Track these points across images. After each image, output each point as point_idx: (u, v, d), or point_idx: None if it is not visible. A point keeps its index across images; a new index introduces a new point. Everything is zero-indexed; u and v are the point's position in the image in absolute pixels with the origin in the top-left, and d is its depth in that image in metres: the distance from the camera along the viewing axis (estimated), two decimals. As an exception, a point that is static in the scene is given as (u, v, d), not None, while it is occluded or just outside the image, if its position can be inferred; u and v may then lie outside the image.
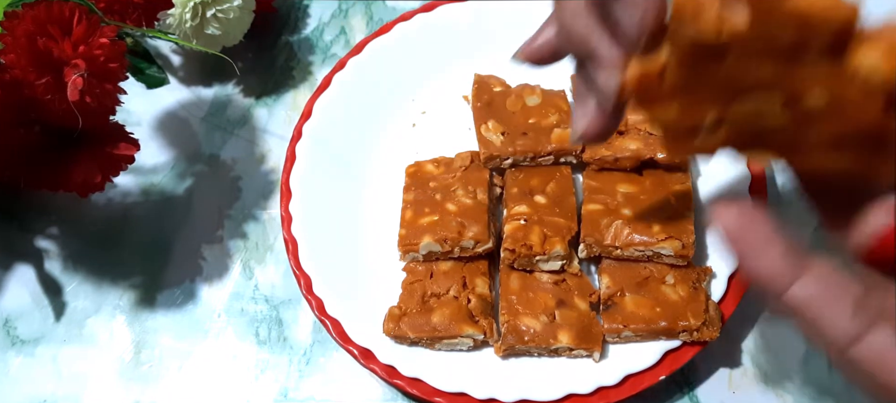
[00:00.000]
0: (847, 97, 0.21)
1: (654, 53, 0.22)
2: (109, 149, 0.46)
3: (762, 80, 0.21)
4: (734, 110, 0.22)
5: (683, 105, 0.22)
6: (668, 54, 0.22)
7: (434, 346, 0.45)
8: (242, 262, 0.51)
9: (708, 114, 0.22)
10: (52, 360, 0.49)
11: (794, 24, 0.20)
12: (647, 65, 0.22)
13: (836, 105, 0.22)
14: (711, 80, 0.21)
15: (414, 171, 0.49)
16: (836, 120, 0.22)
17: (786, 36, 0.20)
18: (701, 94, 0.22)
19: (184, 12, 0.51)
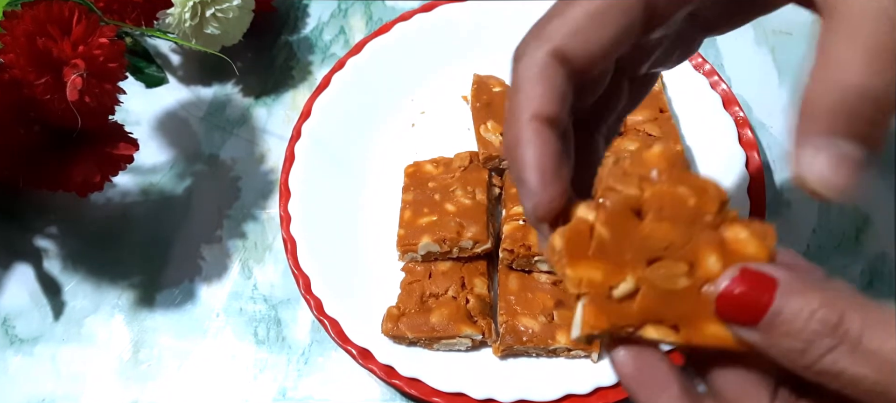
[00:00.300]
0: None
1: (579, 212, 0.24)
2: (108, 148, 0.46)
3: (673, 243, 0.23)
4: (649, 273, 0.23)
5: (607, 266, 0.23)
6: (596, 214, 0.23)
7: (432, 346, 0.45)
8: (241, 262, 0.51)
9: (627, 277, 0.23)
10: (51, 359, 0.49)
11: (692, 193, 0.23)
12: (576, 223, 0.23)
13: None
14: (632, 242, 0.23)
15: (413, 171, 0.49)
16: None
17: (688, 203, 0.23)
18: (622, 256, 0.23)
19: (183, 12, 0.51)
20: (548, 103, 0.25)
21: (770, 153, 0.51)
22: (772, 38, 0.56)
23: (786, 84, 0.54)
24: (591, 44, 0.25)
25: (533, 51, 0.25)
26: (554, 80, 0.25)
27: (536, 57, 0.25)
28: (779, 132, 0.52)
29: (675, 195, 0.23)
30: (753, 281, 0.22)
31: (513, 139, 0.25)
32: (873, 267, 0.47)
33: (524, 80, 0.25)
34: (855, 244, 0.48)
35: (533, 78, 0.25)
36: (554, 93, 0.25)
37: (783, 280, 0.22)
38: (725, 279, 0.23)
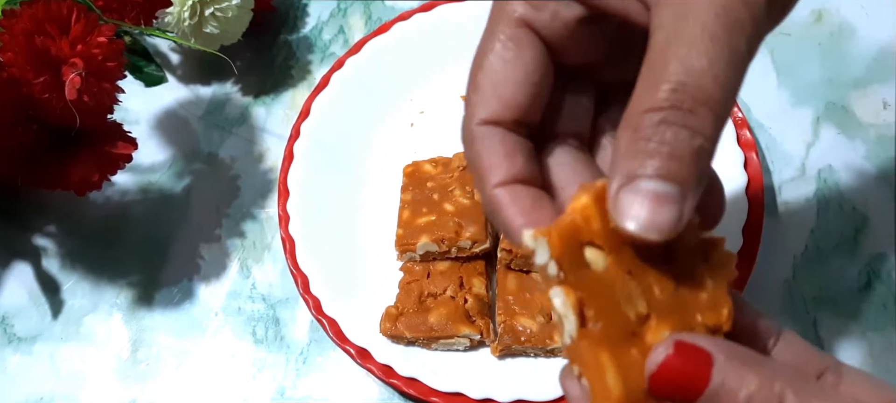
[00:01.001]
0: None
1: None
2: (107, 147, 0.46)
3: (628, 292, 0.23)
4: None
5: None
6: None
7: (430, 346, 0.45)
8: (240, 261, 0.51)
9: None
10: (50, 358, 0.49)
11: None
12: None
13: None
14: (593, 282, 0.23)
15: (412, 171, 0.49)
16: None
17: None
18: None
19: (182, 11, 0.51)
20: (509, 167, 0.25)
21: (769, 154, 0.51)
22: (771, 39, 0.55)
23: (785, 85, 0.54)
24: (511, 109, 0.25)
25: (470, 127, 0.26)
26: (503, 145, 0.25)
27: (476, 131, 0.25)
28: (778, 133, 0.52)
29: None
30: (689, 357, 0.21)
31: (490, 208, 0.26)
32: (871, 268, 0.47)
33: (478, 157, 0.25)
34: (853, 245, 0.48)
35: (484, 152, 0.25)
36: (509, 156, 0.25)
37: (719, 358, 0.21)
38: (659, 354, 0.22)
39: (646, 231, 0.21)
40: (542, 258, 0.22)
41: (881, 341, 0.45)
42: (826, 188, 0.50)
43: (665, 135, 0.21)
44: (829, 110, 0.52)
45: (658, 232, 0.21)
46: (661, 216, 0.21)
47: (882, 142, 0.51)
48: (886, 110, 0.52)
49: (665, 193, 0.21)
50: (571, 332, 0.22)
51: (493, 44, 0.26)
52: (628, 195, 0.21)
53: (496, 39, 0.26)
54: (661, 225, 0.21)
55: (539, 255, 0.22)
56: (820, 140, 0.52)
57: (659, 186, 0.21)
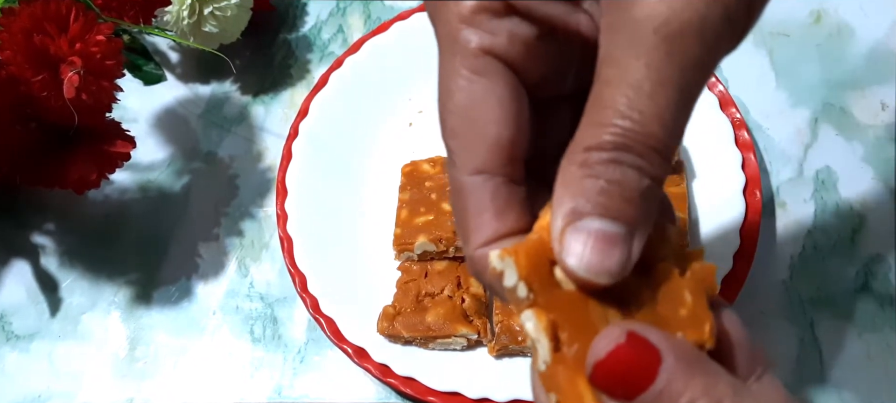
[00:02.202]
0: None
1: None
2: (106, 146, 0.46)
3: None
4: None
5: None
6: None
7: (428, 345, 0.45)
8: (238, 260, 0.51)
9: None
10: (47, 356, 0.49)
11: None
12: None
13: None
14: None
15: (410, 171, 0.49)
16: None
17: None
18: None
19: (181, 9, 0.51)
20: (497, 227, 0.23)
21: (767, 155, 0.51)
22: (769, 40, 0.56)
23: (783, 86, 0.54)
24: (499, 149, 0.23)
25: (460, 178, 0.23)
26: (494, 201, 0.23)
27: (466, 183, 0.23)
28: (776, 134, 0.52)
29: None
30: (639, 350, 0.20)
31: (473, 268, 0.24)
32: (869, 269, 0.47)
33: (464, 214, 0.23)
34: (850, 245, 0.48)
35: (472, 209, 0.23)
36: (499, 215, 0.23)
37: (668, 358, 0.20)
38: (609, 341, 0.20)
39: (592, 274, 0.20)
40: (511, 279, 0.21)
41: (878, 342, 0.45)
42: (824, 189, 0.50)
43: (614, 174, 0.20)
44: (827, 111, 0.53)
45: (606, 275, 0.20)
46: (609, 258, 0.20)
47: (880, 143, 0.51)
48: (884, 111, 0.52)
49: (613, 234, 0.20)
50: (545, 357, 0.21)
51: (457, 81, 0.23)
52: (574, 234, 0.20)
53: (458, 76, 0.23)
54: (609, 268, 0.20)
55: (508, 277, 0.21)
56: (818, 141, 0.52)
57: (606, 226, 0.20)
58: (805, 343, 0.45)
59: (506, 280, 0.21)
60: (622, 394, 0.20)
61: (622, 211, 0.20)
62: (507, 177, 0.23)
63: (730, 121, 0.49)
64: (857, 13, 0.56)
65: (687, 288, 0.22)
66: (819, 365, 0.45)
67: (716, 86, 0.50)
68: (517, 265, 0.21)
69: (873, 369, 0.44)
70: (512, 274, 0.21)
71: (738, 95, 0.53)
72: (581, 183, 0.20)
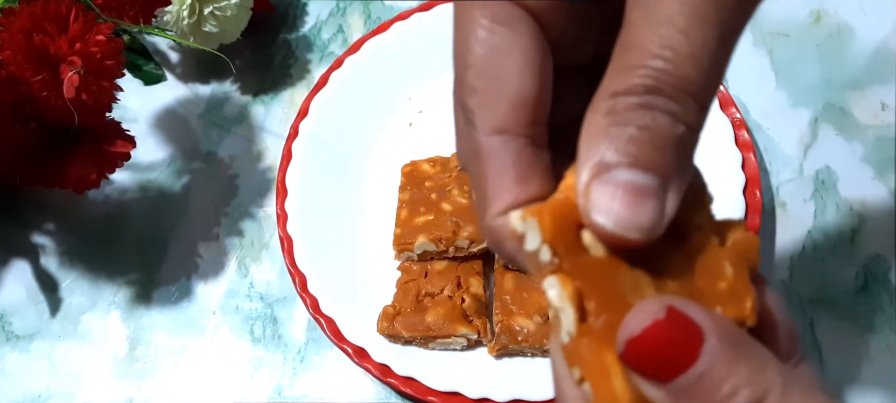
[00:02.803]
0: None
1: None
2: (106, 146, 0.46)
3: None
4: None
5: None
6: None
7: (428, 345, 0.45)
8: (238, 260, 0.51)
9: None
10: (47, 356, 0.49)
11: None
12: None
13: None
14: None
15: (410, 171, 0.49)
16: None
17: None
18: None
19: (181, 9, 0.51)
20: (518, 193, 0.21)
21: (767, 155, 0.51)
22: (769, 40, 0.56)
23: (783, 86, 0.54)
24: (523, 107, 0.21)
25: (478, 139, 0.21)
26: (516, 166, 0.21)
27: (486, 145, 0.21)
28: (776, 134, 0.52)
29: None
30: (679, 327, 0.18)
31: (491, 238, 0.22)
32: (869, 270, 0.47)
33: (483, 179, 0.21)
34: (850, 246, 0.48)
35: (492, 173, 0.21)
36: (521, 180, 0.21)
37: (711, 339, 0.18)
38: (646, 316, 0.18)
39: (622, 229, 0.18)
40: (534, 242, 0.19)
41: (878, 342, 0.45)
42: (824, 189, 0.50)
43: (645, 120, 0.18)
44: (827, 111, 0.53)
45: (638, 231, 0.18)
46: (641, 213, 0.18)
47: (880, 143, 0.51)
48: (885, 111, 0.52)
49: (645, 185, 0.18)
50: (570, 328, 0.19)
51: (476, 32, 0.21)
52: (601, 186, 0.18)
53: (478, 26, 0.21)
54: (640, 224, 0.18)
55: (530, 240, 0.19)
56: (818, 141, 0.52)
57: (638, 177, 0.18)
58: (805, 343, 0.45)
59: (528, 243, 0.19)
60: (657, 375, 0.18)
61: (654, 161, 0.18)
62: (531, 140, 0.21)
63: (730, 121, 0.49)
64: (857, 13, 0.56)
65: (727, 259, 0.20)
66: (819, 365, 0.45)
67: (716, 86, 0.50)
68: (541, 226, 0.19)
69: (873, 369, 0.44)
70: (534, 237, 0.19)
71: (738, 95, 0.53)
72: (608, 131, 0.18)
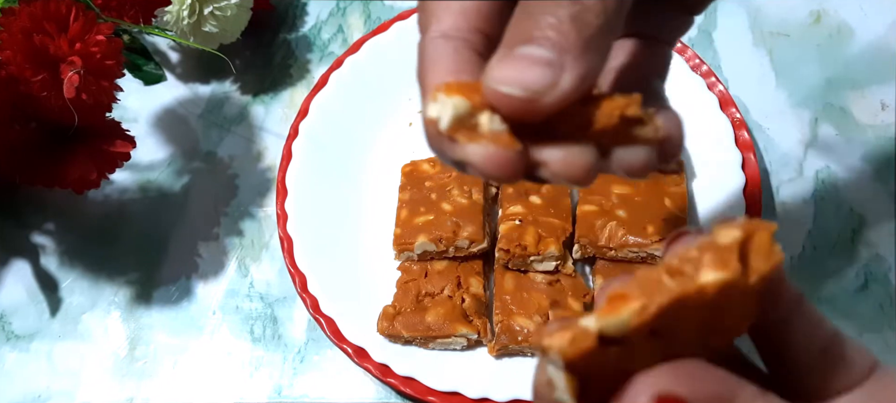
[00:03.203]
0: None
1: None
2: (106, 145, 0.46)
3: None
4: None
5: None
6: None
7: (428, 345, 0.45)
8: (238, 260, 0.51)
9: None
10: (47, 356, 0.49)
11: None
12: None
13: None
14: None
15: (410, 170, 0.49)
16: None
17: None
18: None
19: (181, 9, 0.51)
20: (461, 76, 0.22)
21: (767, 155, 0.51)
22: (769, 40, 0.56)
23: (783, 85, 0.54)
24: (468, 14, 0.23)
25: (423, 42, 0.23)
26: (454, 59, 0.23)
27: (428, 45, 0.23)
28: (776, 134, 0.52)
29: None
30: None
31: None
32: (868, 269, 0.47)
33: (423, 74, 0.23)
34: (850, 246, 0.48)
35: (431, 66, 0.23)
36: (458, 71, 0.22)
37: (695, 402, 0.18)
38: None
39: (509, 86, 0.20)
40: (446, 117, 0.20)
41: (878, 342, 0.45)
42: (823, 189, 0.50)
43: (553, 9, 0.20)
44: (827, 111, 0.53)
45: (523, 89, 0.20)
46: (529, 74, 0.20)
47: (880, 143, 0.51)
48: (884, 111, 0.52)
49: (537, 55, 0.20)
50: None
51: None
52: (500, 61, 0.20)
53: None
54: (526, 83, 0.20)
55: (443, 117, 0.21)
56: (818, 141, 0.52)
57: (531, 50, 0.20)
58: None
59: (441, 122, 0.21)
60: None
61: (552, 38, 0.20)
62: (471, 44, 0.23)
63: (730, 121, 0.49)
64: (857, 13, 0.56)
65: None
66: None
67: (716, 86, 0.50)
68: (449, 96, 0.20)
69: (873, 369, 0.44)
70: (447, 111, 0.20)
71: (738, 95, 0.53)
72: (518, 26, 0.21)
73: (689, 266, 0.18)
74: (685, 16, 0.28)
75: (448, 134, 0.21)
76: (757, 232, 0.19)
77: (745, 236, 0.19)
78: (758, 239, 0.19)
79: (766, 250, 0.19)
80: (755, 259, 0.19)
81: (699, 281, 0.18)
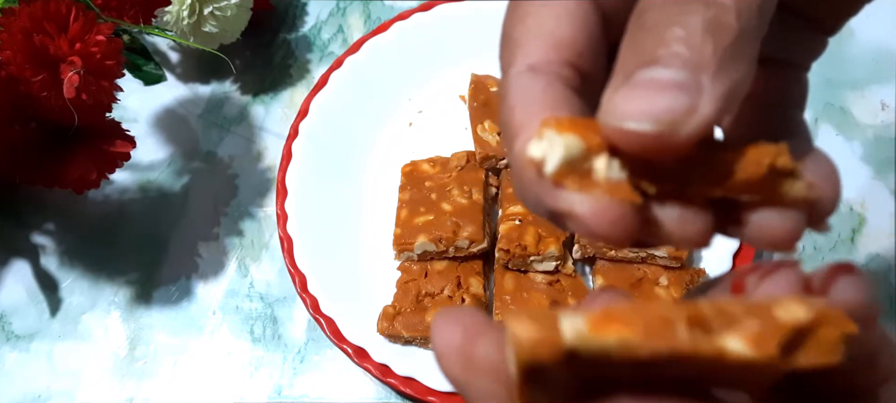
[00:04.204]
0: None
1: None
2: (105, 145, 0.46)
3: None
4: None
5: None
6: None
7: (428, 345, 0.45)
8: (238, 260, 0.51)
9: None
10: (47, 356, 0.49)
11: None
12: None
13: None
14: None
15: (410, 171, 0.49)
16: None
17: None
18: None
19: (181, 9, 0.51)
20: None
21: (767, 154, 0.51)
22: (769, 40, 0.56)
23: (783, 85, 0.54)
24: (559, 47, 0.20)
25: (507, 78, 0.20)
26: (545, 95, 0.19)
27: (513, 81, 0.20)
28: (776, 133, 0.52)
29: None
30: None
31: (518, 176, 0.19)
32: (868, 269, 0.47)
33: (511, 112, 0.19)
34: (850, 246, 0.48)
35: (519, 104, 0.19)
36: (552, 108, 0.19)
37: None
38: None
39: (639, 122, 0.16)
40: (555, 158, 0.17)
41: (878, 342, 0.45)
42: (824, 189, 0.50)
43: (680, 18, 0.16)
44: (827, 111, 0.53)
45: (652, 122, 0.16)
46: (657, 102, 0.16)
47: (880, 142, 0.51)
48: (884, 111, 0.52)
49: (666, 79, 0.16)
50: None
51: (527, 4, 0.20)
52: (621, 91, 0.16)
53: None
54: (654, 114, 0.16)
55: (550, 157, 0.17)
56: (818, 140, 0.51)
57: (660, 73, 0.16)
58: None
59: (548, 162, 0.17)
60: None
61: (682, 55, 0.16)
62: (563, 79, 0.19)
63: (730, 121, 0.49)
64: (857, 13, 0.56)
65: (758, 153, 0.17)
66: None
67: (716, 86, 0.50)
68: (560, 133, 0.17)
69: (873, 369, 0.44)
70: (556, 149, 0.17)
71: (738, 95, 0.53)
72: (634, 44, 0.17)
73: (719, 321, 0.15)
74: (820, 36, 0.24)
75: (554, 179, 0.17)
76: (829, 324, 0.15)
77: (813, 325, 0.15)
78: (827, 332, 0.15)
79: (826, 348, 0.15)
80: (809, 351, 0.15)
81: (719, 345, 0.15)
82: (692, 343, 0.15)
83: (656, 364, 0.15)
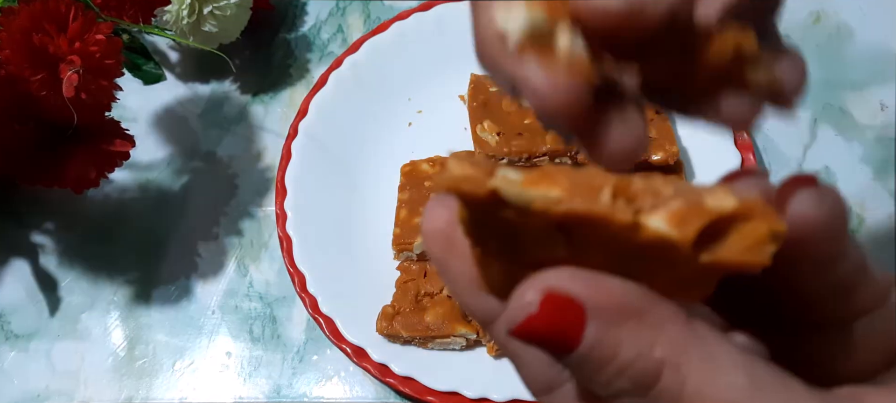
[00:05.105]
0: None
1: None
2: (105, 145, 0.46)
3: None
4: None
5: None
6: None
7: (427, 345, 0.45)
8: (237, 259, 0.51)
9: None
10: (46, 355, 0.49)
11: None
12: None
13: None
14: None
15: (409, 170, 0.49)
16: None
17: None
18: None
19: (180, 9, 0.51)
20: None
21: (766, 155, 0.51)
22: (769, 40, 0.56)
23: (783, 86, 0.54)
24: None
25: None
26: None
27: None
28: (776, 134, 0.52)
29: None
30: (558, 312, 0.16)
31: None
32: (868, 270, 0.47)
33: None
34: (850, 246, 0.48)
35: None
36: None
37: (593, 319, 0.16)
38: (525, 305, 0.16)
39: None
40: (519, 24, 0.18)
41: (877, 342, 0.45)
42: (823, 189, 0.50)
43: None
44: (826, 112, 0.53)
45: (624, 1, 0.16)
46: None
47: (879, 143, 0.51)
48: (884, 112, 0.52)
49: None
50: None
51: None
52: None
53: None
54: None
55: (513, 25, 0.18)
56: (817, 141, 0.52)
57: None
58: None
59: (511, 33, 0.18)
60: (549, 352, 0.17)
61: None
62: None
63: (729, 122, 0.49)
64: (856, 14, 0.56)
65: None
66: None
67: (715, 86, 0.50)
68: (528, 5, 0.17)
69: (872, 369, 0.44)
70: (521, 19, 0.18)
71: (738, 95, 0.53)
72: None
73: (647, 199, 0.15)
74: None
75: (517, 49, 0.18)
76: (759, 218, 0.15)
77: (740, 215, 0.15)
78: (753, 227, 0.15)
79: (751, 244, 0.15)
80: (733, 244, 0.15)
81: (637, 218, 0.15)
82: (610, 209, 0.15)
83: (577, 225, 0.15)
